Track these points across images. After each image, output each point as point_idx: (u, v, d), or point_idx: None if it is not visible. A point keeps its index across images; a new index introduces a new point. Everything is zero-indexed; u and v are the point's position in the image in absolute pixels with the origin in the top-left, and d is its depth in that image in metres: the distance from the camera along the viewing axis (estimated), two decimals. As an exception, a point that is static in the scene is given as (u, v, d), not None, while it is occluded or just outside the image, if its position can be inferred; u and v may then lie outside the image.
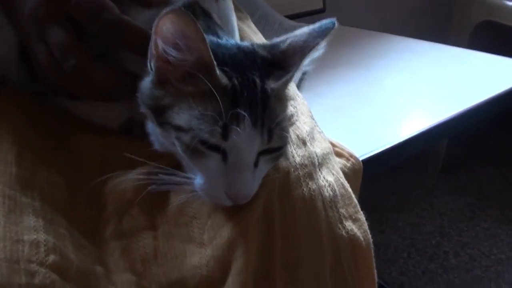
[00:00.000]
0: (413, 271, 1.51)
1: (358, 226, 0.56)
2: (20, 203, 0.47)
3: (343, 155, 0.67)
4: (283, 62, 0.50)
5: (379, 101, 1.02)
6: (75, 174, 0.54)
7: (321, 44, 0.50)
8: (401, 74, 1.12)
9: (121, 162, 0.52)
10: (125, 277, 0.48)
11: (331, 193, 0.55)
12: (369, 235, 0.57)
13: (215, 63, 0.46)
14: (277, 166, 0.52)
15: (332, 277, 0.54)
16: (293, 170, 0.54)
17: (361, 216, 0.57)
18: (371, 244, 0.57)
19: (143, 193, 0.50)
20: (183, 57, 0.46)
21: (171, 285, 0.49)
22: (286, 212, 0.51)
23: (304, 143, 0.58)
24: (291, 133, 0.57)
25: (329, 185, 0.56)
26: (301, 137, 0.58)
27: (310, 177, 0.54)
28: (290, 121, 0.59)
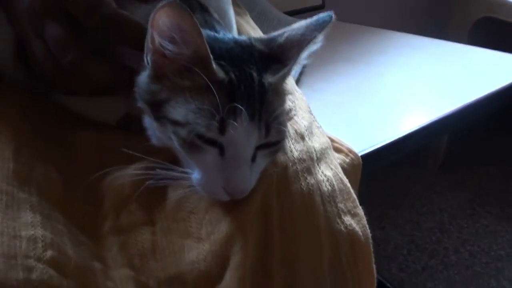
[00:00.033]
0: (413, 267, 1.51)
1: (356, 221, 0.56)
2: (17, 199, 0.47)
3: (342, 151, 0.67)
4: (281, 55, 0.50)
5: (378, 97, 1.02)
6: (72, 169, 0.54)
7: (318, 37, 0.49)
8: (401, 70, 1.12)
9: (119, 157, 0.52)
10: (123, 272, 0.48)
11: (329, 187, 0.55)
12: (368, 230, 0.57)
13: (211, 56, 0.46)
14: (275, 160, 0.52)
15: (330, 272, 0.54)
16: (291, 164, 0.53)
17: (360, 211, 0.57)
18: (370, 239, 0.56)
19: (141, 188, 0.50)
20: (179, 51, 0.46)
21: (169, 280, 0.48)
22: (284, 206, 0.51)
23: (302, 138, 0.57)
24: (289, 128, 0.57)
25: (327, 180, 0.56)
26: (299, 132, 0.58)
27: (308, 171, 0.54)
28: (288, 115, 0.59)
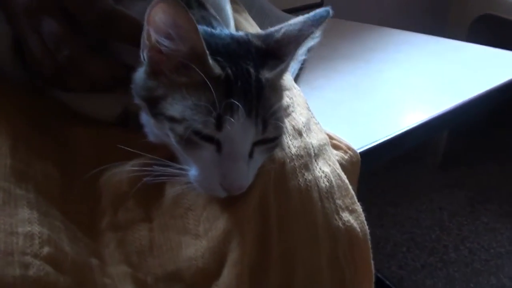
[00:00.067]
0: (412, 265, 1.51)
1: (354, 217, 0.56)
2: (14, 195, 0.47)
3: (340, 148, 0.67)
4: (278, 51, 0.50)
5: (377, 94, 1.01)
6: (70, 166, 0.54)
7: (316, 32, 0.49)
8: (400, 67, 1.12)
9: (116, 154, 0.52)
10: (121, 269, 0.48)
11: (327, 184, 0.55)
12: (366, 226, 0.57)
13: (207, 52, 0.46)
14: (272, 157, 0.52)
15: (328, 268, 0.53)
16: (289, 161, 0.53)
17: (358, 207, 0.57)
18: (368, 235, 0.56)
19: (138, 185, 0.50)
20: (175, 47, 0.46)
21: (167, 277, 0.48)
22: (281, 203, 0.51)
23: (300, 134, 0.57)
24: (287, 124, 0.57)
25: (325, 176, 0.55)
26: (297, 128, 0.58)
27: (306, 168, 0.54)
28: (286, 112, 0.59)
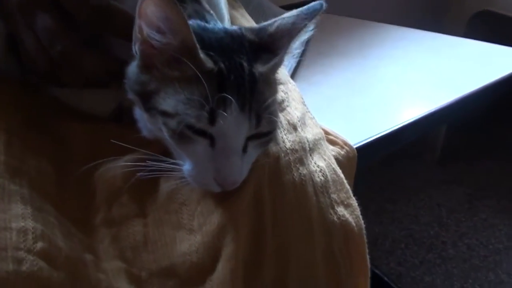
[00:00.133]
0: (411, 261, 1.51)
1: (350, 211, 0.56)
2: (8, 191, 0.47)
3: (337, 143, 0.67)
4: (271, 45, 0.50)
5: (374, 90, 1.01)
6: (64, 162, 0.54)
7: (309, 25, 0.49)
8: (397, 63, 1.12)
9: (110, 149, 0.52)
10: (115, 264, 0.48)
11: (322, 178, 0.55)
12: (361, 221, 0.56)
13: (198, 46, 0.46)
14: (267, 151, 0.52)
15: (323, 263, 0.53)
16: (283, 155, 0.53)
17: (353, 201, 0.57)
18: (364, 229, 0.56)
19: (132, 180, 0.50)
20: (166, 41, 0.46)
21: (161, 272, 0.48)
22: (276, 197, 0.51)
23: (295, 129, 0.57)
24: (282, 119, 0.57)
25: (320, 171, 0.55)
26: (291, 123, 0.57)
27: (300, 162, 0.54)
28: (280, 106, 0.59)
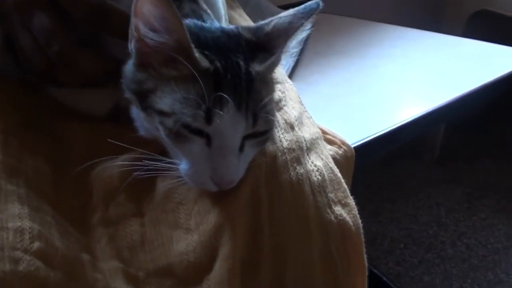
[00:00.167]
0: (409, 261, 1.51)
1: (347, 211, 0.56)
2: (5, 191, 0.47)
3: (335, 143, 0.67)
4: (268, 44, 0.50)
5: (372, 89, 1.01)
6: (62, 161, 0.54)
7: (306, 24, 0.49)
8: (395, 62, 1.12)
9: (108, 149, 0.52)
10: (112, 264, 0.48)
11: (319, 177, 0.55)
12: (359, 220, 0.56)
13: (192, 46, 0.45)
14: (264, 150, 0.52)
15: (321, 262, 0.53)
16: (280, 154, 0.53)
17: (351, 200, 0.57)
18: (361, 228, 0.56)
19: (129, 179, 0.50)
20: (162, 40, 0.46)
21: (158, 272, 0.48)
22: (273, 197, 0.51)
23: (292, 128, 0.57)
24: (279, 118, 0.57)
25: (317, 170, 0.55)
26: (289, 122, 0.57)
27: (297, 161, 0.54)
28: (278, 105, 0.59)
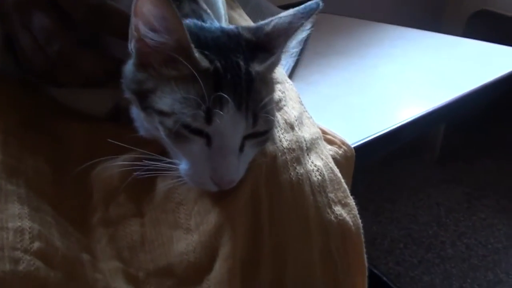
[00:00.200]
0: (409, 261, 1.51)
1: (347, 211, 0.56)
2: (5, 191, 0.47)
3: (335, 143, 0.67)
4: (268, 44, 0.50)
5: (372, 89, 1.01)
6: (62, 161, 0.54)
7: (306, 24, 0.49)
8: (395, 62, 1.12)
9: (108, 149, 0.52)
10: (112, 264, 0.48)
11: (319, 177, 0.55)
12: (359, 220, 0.56)
13: (192, 46, 0.45)
14: (264, 150, 0.52)
15: (321, 262, 0.53)
16: (280, 154, 0.53)
17: (351, 200, 0.57)
18: (361, 228, 0.56)
19: (129, 179, 0.50)
20: (162, 40, 0.46)
21: (158, 272, 0.48)
22: (273, 197, 0.51)
23: (292, 128, 0.57)
24: (279, 118, 0.57)
25: (317, 170, 0.55)
26: (289, 122, 0.57)
27: (297, 161, 0.54)
28: (278, 105, 0.59)
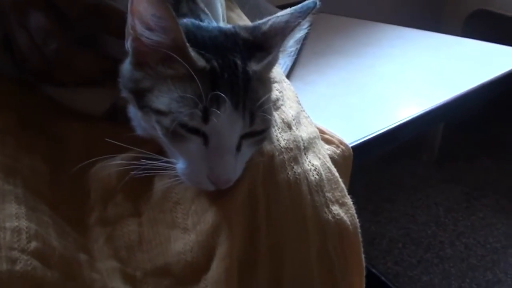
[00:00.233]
0: (408, 261, 1.51)
1: (345, 210, 0.56)
2: (2, 191, 0.47)
3: (332, 142, 0.67)
4: (265, 43, 0.50)
5: (371, 89, 1.01)
6: (59, 161, 0.54)
7: (303, 24, 0.49)
8: (393, 62, 1.12)
9: (105, 148, 0.52)
10: (110, 264, 0.48)
11: (317, 177, 0.55)
12: (356, 219, 0.56)
13: (188, 45, 0.45)
14: (261, 149, 0.52)
15: (318, 261, 0.53)
16: (277, 154, 0.53)
17: (348, 200, 0.57)
18: (359, 228, 0.56)
19: (126, 178, 0.50)
20: (158, 39, 0.46)
21: (156, 271, 0.48)
22: (270, 196, 0.51)
23: (289, 127, 0.57)
24: (276, 117, 0.57)
25: (315, 169, 0.55)
26: (286, 121, 0.57)
27: (295, 161, 0.54)
28: (275, 105, 0.59)
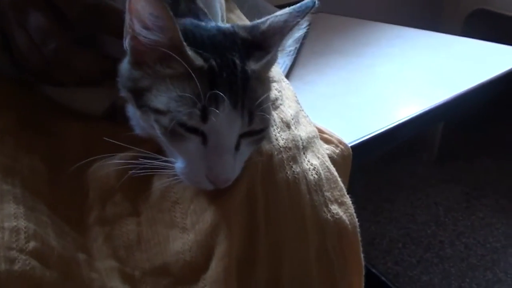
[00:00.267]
0: (408, 260, 1.51)
1: (344, 209, 0.56)
2: (1, 190, 0.47)
3: (331, 142, 0.67)
4: (263, 42, 0.50)
5: (370, 88, 1.01)
6: (58, 160, 0.54)
7: (301, 23, 0.49)
8: (393, 61, 1.11)
9: (104, 147, 0.52)
10: (108, 263, 0.48)
11: (316, 176, 0.55)
12: (355, 219, 0.56)
13: (185, 44, 0.45)
14: (260, 149, 0.52)
15: (317, 261, 0.53)
16: (276, 153, 0.53)
17: (347, 199, 0.57)
18: (358, 227, 0.56)
19: (125, 177, 0.50)
20: (156, 38, 0.46)
21: (155, 271, 0.48)
22: (269, 195, 0.51)
23: (288, 127, 0.57)
24: (275, 117, 0.57)
25: (314, 169, 0.55)
26: (285, 120, 0.57)
27: (294, 160, 0.54)
28: (274, 104, 0.59)
